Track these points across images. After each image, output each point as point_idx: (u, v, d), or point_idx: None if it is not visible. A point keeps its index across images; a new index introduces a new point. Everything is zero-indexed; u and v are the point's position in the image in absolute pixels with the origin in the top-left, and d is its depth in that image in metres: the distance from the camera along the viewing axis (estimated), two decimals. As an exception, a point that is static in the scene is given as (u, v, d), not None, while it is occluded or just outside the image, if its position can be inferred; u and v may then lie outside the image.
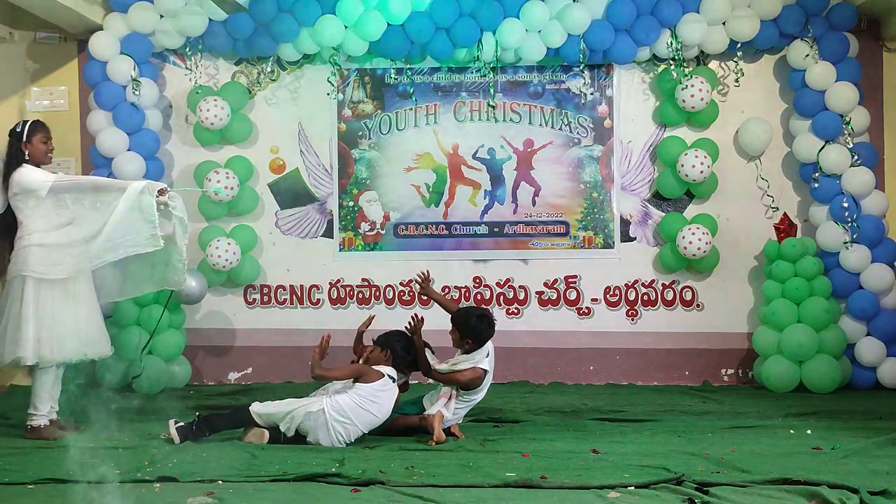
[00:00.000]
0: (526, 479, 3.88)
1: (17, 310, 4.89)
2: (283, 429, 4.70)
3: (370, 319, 5.39)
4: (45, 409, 4.98)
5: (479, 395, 5.17)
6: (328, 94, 7.02)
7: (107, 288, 5.28)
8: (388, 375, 4.86)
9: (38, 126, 5.15)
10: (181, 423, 4.75)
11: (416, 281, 5.54)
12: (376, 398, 4.77)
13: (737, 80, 6.83)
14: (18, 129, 5.10)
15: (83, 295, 5.03)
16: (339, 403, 4.71)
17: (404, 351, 5.01)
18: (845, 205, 6.51)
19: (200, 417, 4.81)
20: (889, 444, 4.60)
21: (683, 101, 6.68)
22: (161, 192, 5.08)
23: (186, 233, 5.28)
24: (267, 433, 4.72)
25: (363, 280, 7.12)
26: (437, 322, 5.52)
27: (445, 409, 5.02)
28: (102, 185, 5.13)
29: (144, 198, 5.00)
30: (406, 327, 5.10)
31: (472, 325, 5.09)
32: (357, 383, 4.79)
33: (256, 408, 4.77)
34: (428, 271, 5.57)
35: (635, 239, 7.04)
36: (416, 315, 5.09)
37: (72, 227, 4.98)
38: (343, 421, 4.69)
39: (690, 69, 6.78)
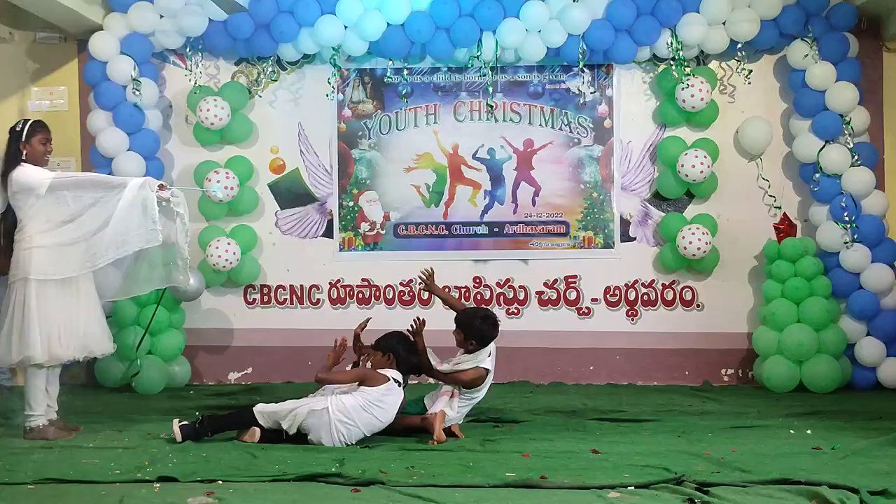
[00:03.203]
0: (526, 479, 3.88)
1: (20, 310, 4.88)
2: (285, 426, 4.70)
3: (366, 321, 5.40)
4: (40, 409, 4.96)
5: (481, 394, 5.20)
6: (327, 96, 7.01)
7: (107, 287, 5.28)
8: (394, 379, 4.86)
9: (38, 127, 5.13)
10: (185, 423, 4.76)
11: (421, 278, 5.55)
12: (381, 402, 4.77)
13: (747, 78, 6.82)
14: (18, 128, 5.09)
15: (85, 293, 5.03)
16: (344, 404, 4.70)
17: (407, 353, 5.00)
18: (843, 205, 6.51)
19: (204, 417, 4.82)
20: (889, 444, 4.60)
21: (683, 101, 6.68)
22: (160, 188, 5.09)
23: (188, 230, 5.29)
24: (258, 431, 4.72)
25: (363, 280, 7.12)
26: (437, 322, 5.51)
27: (449, 407, 5.04)
28: (102, 181, 5.13)
29: (145, 193, 5.01)
30: (408, 330, 5.09)
31: (477, 327, 5.12)
32: (362, 386, 4.79)
33: (261, 407, 4.78)
34: (432, 269, 5.57)
35: (635, 239, 7.03)
36: (418, 318, 5.09)
37: (72, 224, 4.98)
38: (346, 422, 4.68)
39: (691, 69, 6.78)
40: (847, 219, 6.49)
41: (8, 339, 4.90)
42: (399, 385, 4.89)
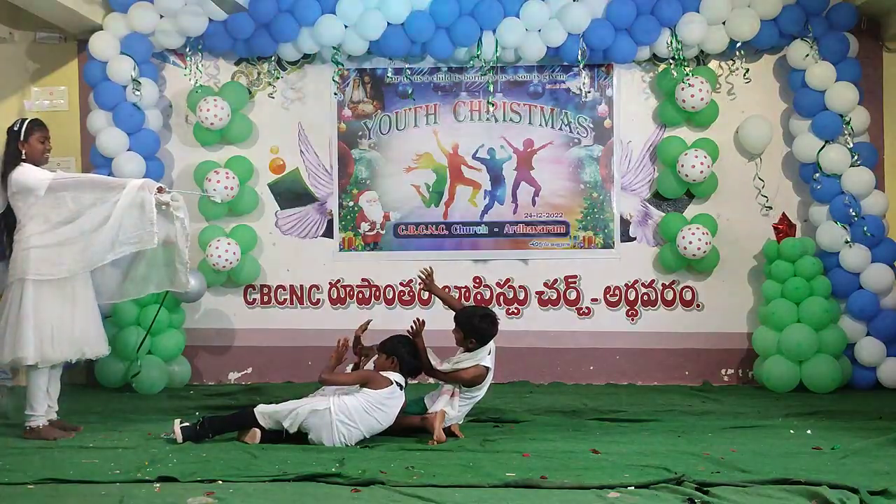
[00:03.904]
0: (526, 479, 3.88)
1: (16, 311, 4.88)
2: (286, 425, 4.70)
3: (367, 324, 5.40)
4: (41, 410, 4.96)
5: (481, 393, 5.20)
6: (335, 94, 7.02)
7: (107, 288, 5.27)
8: (396, 382, 4.85)
9: (36, 125, 5.11)
10: (186, 424, 4.76)
11: (420, 277, 5.55)
12: (384, 405, 4.77)
13: (746, 77, 6.83)
14: (16, 128, 5.07)
15: (81, 294, 5.02)
16: (346, 405, 4.70)
17: (410, 356, 4.99)
18: (847, 202, 6.50)
19: (205, 419, 4.81)
20: (889, 444, 4.60)
21: (683, 101, 6.68)
22: (159, 190, 5.08)
23: (188, 234, 5.28)
24: (259, 433, 4.72)
25: (363, 280, 7.12)
26: (437, 322, 5.51)
27: (449, 406, 5.04)
28: (101, 182, 5.12)
29: (143, 195, 5.01)
30: (408, 331, 5.09)
31: (476, 326, 5.12)
32: (364, 388, 4.78)
33: (261, 408, 4.77)
34: (431, 268, 5.57)
35: (635, 239, 7.04)
36: (417, 319, 5.08)
37: (70, 225, 4.97)
38: (347, 423, 4.68)
39: (690, 69, 6.78)
40: (853, 214, 6.47)
41: (1, 339, 4.90)
42: (401, 388, 4.89)
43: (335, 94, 7.02)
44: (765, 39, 6.73)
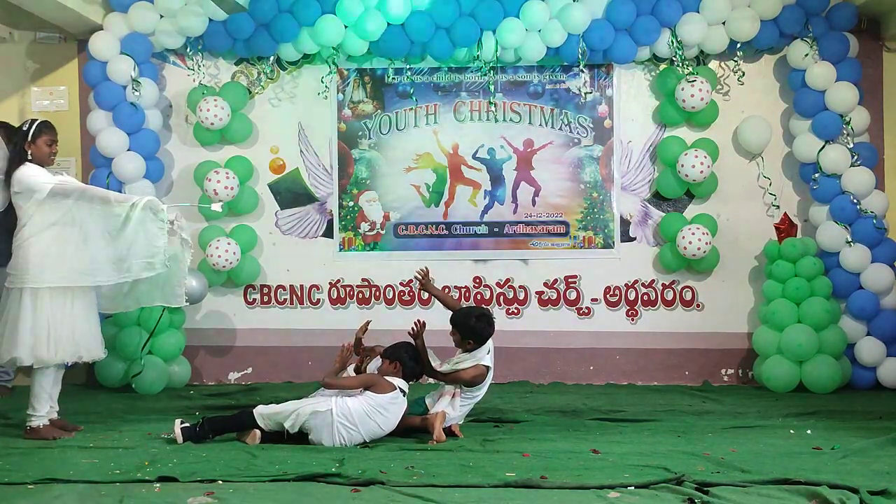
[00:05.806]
0: (526, 479, 3.89)
1: (15, 311, 4.87)
2: (287, 425, 4.70)
3: (367, 325, 5.41)
4: (43, 410, 4.96)
5: (482, 392, 5.21)
6: (319, 94, 7.00)
7: (107, 300, 5.27)
8: (399, 388, 4.86)
9: (44, 128, 5.11)
10: (186, 424, 4.76)
11: (416, 278, 5.55)
12: (386, 410, 4.77)
13: (741, 80, 6.82)
14: (25, 128, 5.08)
15: (80, 297, 5.00)
16: (349, 407, 4.70)
17: (412, 361, 5.00)
18: (854, 201, 6.49)
19: (204, 420, 4.81)
20: (889, 444, 4.60)
21: (683, 101, 6.68)
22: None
23: (191, 252, 5.26)
24: (259, 434, 4.72)
25: (363, 280, 7.12)
26: (437, 323, 5.51)
27: (450, 406, 5.06)
28: (103, 196, 5.03)
29: (147, 217, 4.97)
30: (409, 332, 5.09)
31: (473, 326, 5.13)
32: (368, 391, 4.79)
33: (261, 409, 4.77)
34: (427, 268, 5.57)
35: (635, 239, 7.04)
36: (419, 320, 5.08)
37: (71, 228, 4.95)
38: (348, 426, 4.68)
39: (691, 69, 6.78)
40: (861, 209, 6.45)
41: (0, 339, 4.90)
42: (404, 395, 4.89)
43: (319, 93, 6.98)
44: (765, 39, 6.73)
